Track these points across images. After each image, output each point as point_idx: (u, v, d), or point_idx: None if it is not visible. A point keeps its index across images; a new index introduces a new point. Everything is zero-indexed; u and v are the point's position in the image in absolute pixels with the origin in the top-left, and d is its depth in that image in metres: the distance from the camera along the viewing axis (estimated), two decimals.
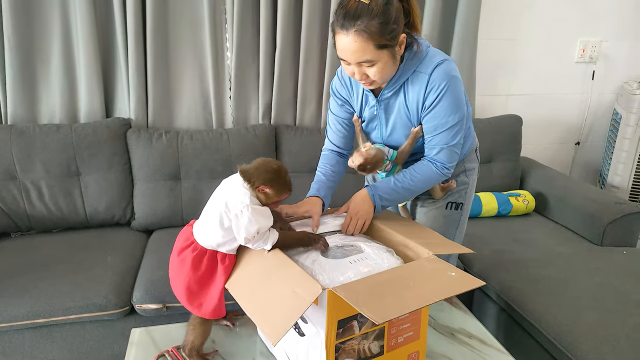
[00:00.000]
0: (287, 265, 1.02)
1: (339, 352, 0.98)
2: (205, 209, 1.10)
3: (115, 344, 1.67)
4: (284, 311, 0.92)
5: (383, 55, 1.09)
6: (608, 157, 2.58)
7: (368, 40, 1.05)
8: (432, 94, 1.17)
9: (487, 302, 1.80)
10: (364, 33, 1.04)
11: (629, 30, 2.59)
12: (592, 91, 2.66)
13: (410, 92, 1.20)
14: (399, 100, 1.23)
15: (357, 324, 0.99)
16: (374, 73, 1.12)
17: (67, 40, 2.05)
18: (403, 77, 1.19)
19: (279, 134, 2.21)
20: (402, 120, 1.26)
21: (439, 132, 1.21)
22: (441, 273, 1.01)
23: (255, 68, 2.22)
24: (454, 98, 1.17)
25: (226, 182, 1.10)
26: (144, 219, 2.08)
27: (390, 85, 1.21)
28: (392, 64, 1.13)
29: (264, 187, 1.05)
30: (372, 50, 1.07)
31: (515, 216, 2.26)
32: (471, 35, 2.29)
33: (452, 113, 1.18)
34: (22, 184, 1.98)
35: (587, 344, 1.37)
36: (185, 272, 1.08)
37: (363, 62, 1.10)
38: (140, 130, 2.09)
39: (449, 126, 1.19)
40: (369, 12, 1.04)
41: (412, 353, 1.11)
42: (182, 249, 1.10)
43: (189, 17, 2.13)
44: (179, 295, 1.11)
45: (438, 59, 1.16)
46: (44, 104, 2.11)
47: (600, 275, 1.71)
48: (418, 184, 1.27)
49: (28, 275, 1.68)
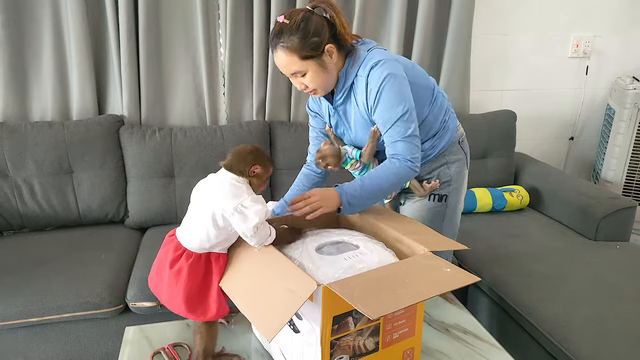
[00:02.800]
0: (281, 262, 1.01)
1: (334, 348, 0.98)
2: (188, 214, 1.08)
3: (109, 342, 1.66)
4: (279, 307, 0.91)
5: (310, 65, 1.21)
6: (602, 152, 2.60)
7: (292, 54, 1.19)
8: (371, 94, 1.24)
9: (482, 297, 1.80)
10: (287, 48, 1.19)
11: (622, 25, 2.59)
12: (585, 86, 2.67)
13: (358, 95, 1.29)
14: (352, 103, 1.32)
15: (352, 320, 0.98)
16: (308, 81, 1.24)
17: (58, 36, 2.03)
18: (348, 81, 1.28)
19: (273, 131, 2.20)
20: (361, 121, 1.33)
21: (389, 127, 1.25)
22: (436, 269, 1.02)
23: (249, 64, 2.20)
24: (393, 92, 1.22)
25: (206, 183, 1.08)
26: (138, 217, 2.07)
27: (339, 92, 1.31)
28: (324, 72, 1.23)
29: (254, 168, 1.07)
30: (298, 62, 1.20)
31: (510, 211, 2.27)
32: (465, 31, 2.29)
33: (394, 106, 1.22)
34: (14, 182, 1.96)
35: (580, 338, 1.37)
36: (183, 284, 1.04)
37: (294, 73, 1.23)
38: (133, 127, 2.07)
39: (397, 119, 1.23)
40: (288, 30, 1.18)
41: (408, 349, 1.11)
42: (175, 259, 1.06)
43: (182, 13, 2.11)
44: (177, 309, 1.06)
45: (374, 61, 1.23)
46: (36, 101, 2.09)
47: (594, 269, 1.72)
48: (383, 181, 1.26)
49: (21, 274, 1.67)
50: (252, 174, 1.07)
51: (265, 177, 1.13)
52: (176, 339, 1.20)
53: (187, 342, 1.18)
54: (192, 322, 1.22)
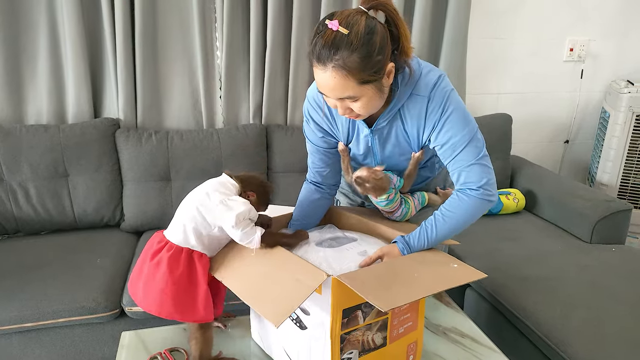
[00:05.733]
0: (287, 257, 1.02)
1: (344, 343, 0.97)
2: (178, 211, 1.09)
3: (105, 347, 1.65)
4: (287, 296, 0.91)
5: (367, 90, 0.97)
6: (597, 155, 2.61)
7: (348, 77, 0.93)
8: (434, 115, 1.07)
9: (478, 301, 1.80)
10: (343, 69, 0.92)
11: (617, 29, 2.61)
12: (580, 90, 2.69)
13: (408, 118, 1.10)
14: (396, 127, 1.13)
15: (361, 314, 0.98)
16: (358, 107, 1.00)
17: (54, 39, 2.02)
18: (399, 103, 1.08)
19: (269, 134, 2.20)
20: (400, 148, 1.17)
21: (459, 152, 1.07)
22: (444, 265, 1.05)
23: (246, 67, 2.20)
24: (460, 111, 1.07)
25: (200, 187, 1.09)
26: (134, 220, 2.06)
27: (385, 114, 1.10)
28: (379, 97, 1.01)
29: (251, 194, 1.10)
30: (354, 87, 0.95)
31: (506, 214, 2.28)
32: (461, 34, 2.30)
33: (464, 127, 1.06)
34: (8, 185, 1.95)
35: (577, 341, 1.38)
36: (161, 275, 1.02)
37: (345, 98, 0.98)
38: (130, 131, 2.06)
39: (467, 141, 1.06)
40: (348, 45, 0.90)
41: (411, 343, 1.11)
42: (156, 252, 1.06)
43: (178, 16, 2.11)
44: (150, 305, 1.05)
45: (434, 77, 1.07)
46: (31, 104, 2.07)
47: (590, 272, 1.72)
48: (455, 225, 1.11)
49: (16, 279, 1.66)
50: (245, 194, 1.09)
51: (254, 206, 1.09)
52: (173, 343, 1.19)
53: (184, 347, 1.17)
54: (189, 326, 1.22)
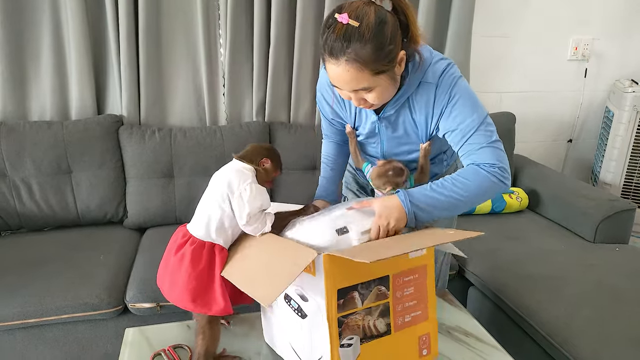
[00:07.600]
0: (279, 242, 1.04)
1: (342, 327, 0.96)
2: (200, 204, 1.10)
3: (108, 343, 1.65)
4: (278, 278, 0.91)
5: (381, 80, 0.98)
6: (600, 154, 2.60)
7: (362, 69, 0.94)
8: (441, 100, 1.07)
9: (482, 300, 1.80)
10: (356, 61, 0.93)
11: (621, 28, 2.60)
12: (584, 89, 2.68)
13: (417, 106, 1.11)
14: (405, 115, 1.13)
15: (358, 296, 0.97)
16: (372, 98, 1.01)
17: (57, 35, 2.02)
18: (408, 91, 1.08)
19: (273, 131, 2.20)
20: (408, 136, 1.17)
21: (471, 135, 1.06)
22: (438, 232, 1.07)
23: (249, 65, 2.20)
24: (468, 96, 1.06)
25: (219, 173, 1.11)
26: (137, 217, 2.06)
27: (393, 102, 1.10)
28: (392, 85, 1.03)
29: (264, 162, 1.12)
30: (369, 78, 0.96)
31: (509, 213, 2.27)
32: (465, 32, 2.29)
33: (472, 112, 1.06)
34: (12, 181, 1.95)
35: (581, 340, 1.38)
36: (185, 268, 1.04)
37: (359, 89, 1.00)
38: (133, 127, 2.06)
39: (477, 125, 1.06)
40: (360, 37, 0.91)
41: (423, 335, 1.08)
42: (180, 246, 1.07)
43: (182, 13, 2.10)
44: (178, 298, 1.06)
45: (443, 64, 1.07)
46: (34, 100, 2.07)
47: (594, 272, 1.72)
48: (463, 192, 1.05)
49: (19, 275, 1.66)
50: (261, 165, 1.12)
51: (272, 176, 1.16)
52: (176, 340, 1.19)
53: (188, 344, 1.17)
54: (193, 324, 1.22)
